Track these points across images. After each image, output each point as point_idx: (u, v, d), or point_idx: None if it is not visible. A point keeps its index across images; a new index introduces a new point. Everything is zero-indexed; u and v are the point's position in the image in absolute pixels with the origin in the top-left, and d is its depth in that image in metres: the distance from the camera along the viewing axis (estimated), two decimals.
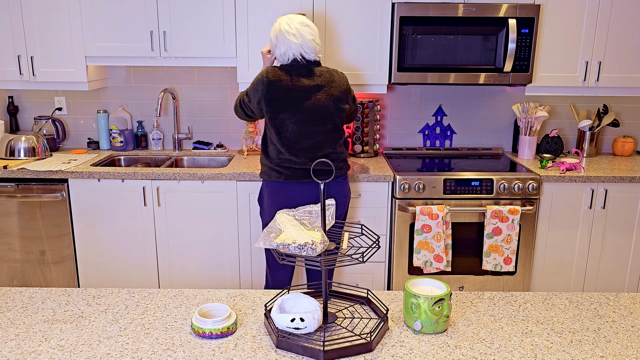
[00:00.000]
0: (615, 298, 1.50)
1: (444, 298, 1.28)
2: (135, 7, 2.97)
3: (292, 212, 1.33)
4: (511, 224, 2.84)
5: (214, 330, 1.28)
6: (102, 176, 2.89)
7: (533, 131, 3.26)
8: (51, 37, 3.03)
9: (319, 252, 1.20)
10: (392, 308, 1.43)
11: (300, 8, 2.95)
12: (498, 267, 2.91)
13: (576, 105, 3.46)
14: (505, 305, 1.45)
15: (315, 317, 1.24)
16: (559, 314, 1.40)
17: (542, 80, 3.06)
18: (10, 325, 1.33)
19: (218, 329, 1.28)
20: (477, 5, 2.88)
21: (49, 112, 3.48)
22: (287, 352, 1.21)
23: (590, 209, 2.97)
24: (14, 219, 2.98)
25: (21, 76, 3.08)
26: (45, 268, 3.05)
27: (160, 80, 3.43)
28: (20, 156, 3.13)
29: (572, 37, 3.01)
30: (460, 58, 2.96)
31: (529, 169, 3.02)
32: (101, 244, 3.00)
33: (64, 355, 1.20)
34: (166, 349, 1.22)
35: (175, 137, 3.43)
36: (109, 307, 1.42)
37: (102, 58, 3.07)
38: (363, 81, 3.06)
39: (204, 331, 1.28)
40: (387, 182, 2.90)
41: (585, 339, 1.28)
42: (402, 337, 1.28)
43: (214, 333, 1.28)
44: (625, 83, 3.08)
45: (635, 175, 2.93)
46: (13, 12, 2.99)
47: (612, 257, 3.05)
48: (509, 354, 1.21)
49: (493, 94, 3.44)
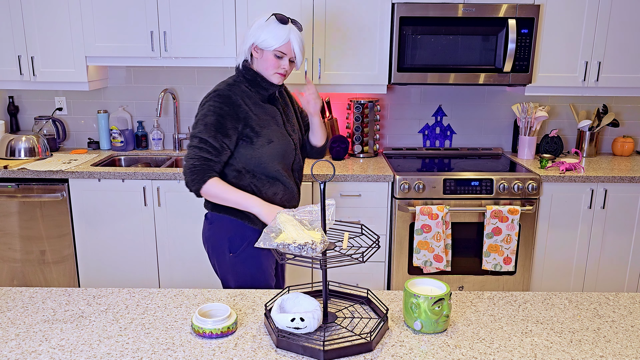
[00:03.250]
0: (615, 298, 1.50)
1: (443, 298, 1.28)
2: (136, 7, 2.98)
3: (292, 212, 1.33)
4: (511, 223, 2.84)
5: (214, 330, 1.28)
6: (102, 176, 2.89)
7: (533, 131, 3.26)
8: (51, 37, 3.03)
9: (319, 252, 1.20)
10: (392, 308, 1.43)
11: (300, 8, 2.96)
12: (498, 267, 2.92)
13: (576, 105, 3.46)
14: (505, 305, 1.45)
15: (315, 317, 1.24)
16: (558, 313, 1.40)
17: (541, 80, 3.06)
18: (10, 325, 1.33)
19: (218, 329, 1.28)
20: (477, 6, 2.88)
21: (49, 112, 3.48)
22: (287, 352, 1.21)
23: (590, 209, 2.97)
24: (14, 219, 2.98)
25: (21, 76, 3.08)
26: (46, 268, 3.05)
27: (160, 80, 3.43)
28: (20, 156, 3.13)
29: (571, 37, 3.01)
30: (460, 58, 2.96)
31: (529, 169, 3.03)
32: (101, 244, 3.00)
33: (64, 355, 1.20)
34: (166, 349, 1.23)
35: (176, 137, 3.43)
36: (109, 306, 1.42)
37: (102, 58, 3.07)
38: (363, 81, 3.06)
39: (204, 331, 1.28)
40: (387, 182, 2.91)
41: (585, 339, 1.28)
42: (402, 337, 1.28)
43: (214, 333, 1.28)
44: (625, 83, 3.08)
45: (634, 175, 2.93)
46: (13, 12, 2.99)
47: (612, 257, 3.05)
48: (508, 354, 1.21)
49: (493, 94, 3.45)
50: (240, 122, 1.88)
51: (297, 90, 2.09)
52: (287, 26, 1.88)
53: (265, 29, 1.88)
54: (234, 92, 1.89)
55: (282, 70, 1.92)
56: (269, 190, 1.95)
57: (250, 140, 1.90)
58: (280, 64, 1.91)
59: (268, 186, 1.95)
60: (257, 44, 1.89)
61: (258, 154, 1.91)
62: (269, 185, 1.95)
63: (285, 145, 1.95)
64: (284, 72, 1.93)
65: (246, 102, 1.90)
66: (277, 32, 1.86)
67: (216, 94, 1.88)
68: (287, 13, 2.97)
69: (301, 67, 3.04)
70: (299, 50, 1.91)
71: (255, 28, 1.90)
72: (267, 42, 1.87)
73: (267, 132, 1.91)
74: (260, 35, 1.88)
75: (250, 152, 1.91)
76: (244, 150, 1.91)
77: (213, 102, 1.87)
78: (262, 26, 1.89)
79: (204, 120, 1.86)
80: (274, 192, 1.96)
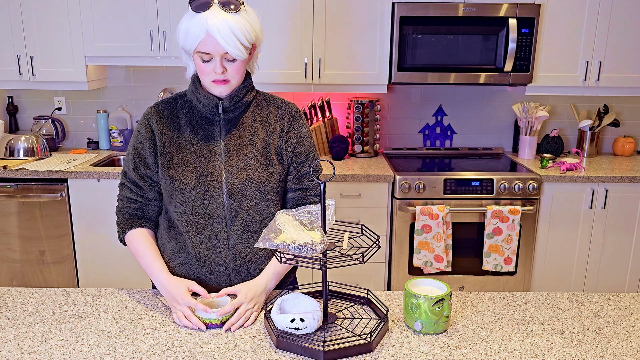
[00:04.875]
0: (615, 298, 1.49)
1: (444, 298, 1.27)
2: (135, 7, 2.97)
3: (292, 212, 1.32)
4: (511, 224, 2.83)
5: (214, 321, 1.30)
6: (101, 176, 2.89)
7: (533, 131, 3.25)
8: (51, 37, 3.03)
9: (319, 252, 1.19)
10: (392, 308, 1.43)
11: (300, 8, 2.95)
12: (498, 267, 2.91)
13: (576, 105, 3.46)
14: (505, 306, 1.44)
15: (315, 317, 1.24)
16: (559, 314, 1.40)
17: (542, 80, 3.06)
18: (9, 325, 1.32)
19: (218, 320, 1.31)
20: (477, 5, 2.87)
21: (48, 112, 3.48)
22: (287, 353, 1.21)
23: (590, 209, 2.97)
24: (13, 219, 2.97)
25: (21, 76, 3.08)
26: (45, 268, 3.04)
27: (159, 80, 3.42)
28: (19, 156, 3.13)
29: (572, 37, 3.01)
30: (461, 58, 2.95)
31: (530, 169, 3.02)
32: (101, 244, 3.00)
33: (63, 355, 1.20)
34: (166, 349, 1.22)
35: None
36: (108, 307, 1.42)
37: (102, 58, 3.07)
38: (363, 81, 3.05)
39: (204, 321, 1.31)
40: (387, 182, 2.90)
41: (586, 339, 1.28)
42: (402, 337, 1.28)
43: (214, 323, 1.31)
44: (625, 83, 3.07)
45: (635, 175, 2.93)
46: (13, 12, 2.99)
47: (613, 257, 3.04)
48: (509, 354, 1.21)
49: (493, 94, 3.44)
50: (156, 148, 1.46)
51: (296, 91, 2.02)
52: (205, 13, 1.31)
53: (181, 25, 1.36)
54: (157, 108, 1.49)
55: (217, 76, 1.37)
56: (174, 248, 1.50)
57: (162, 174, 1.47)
58: (210, 68, 1.36)
59: (174, 243, 1.50)
60: (182, 46, 1.39)
61: (166, 194, 1.48)
62: (175, 242, 1.50)
63: (201, 186, 1.43)
64: (220, 77, 1.37)
65: (164, 122, 1.46)
66: (190, 26, 1.33)
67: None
68: (287, 12, 2.96)
69: (300, 66, 3.04)
70: (229, 38, 1.30)
71: (178, 25, 1.39)
72: (186, 43, 1.36)
73: (173, 166, 1.44)
74: (179, 35, 1.37)
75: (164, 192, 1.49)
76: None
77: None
78: (180, 21, 1.38)
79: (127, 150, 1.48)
80: (175, 251, 1.49)
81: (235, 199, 1.43)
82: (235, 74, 1.39)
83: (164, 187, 1.46)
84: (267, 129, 1.49)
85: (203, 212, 1.43)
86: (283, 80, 3.05)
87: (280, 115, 1.51)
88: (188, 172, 1.43)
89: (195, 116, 1.47)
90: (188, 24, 1.33)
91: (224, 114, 1.45)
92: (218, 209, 1.43)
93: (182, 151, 1.45)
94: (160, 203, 1.51)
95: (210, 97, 1.43)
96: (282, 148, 1.49)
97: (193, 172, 1.43)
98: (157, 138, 1.45)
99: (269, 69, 3.03)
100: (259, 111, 1.50)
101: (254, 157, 1.45)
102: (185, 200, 1.43)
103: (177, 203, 1.45)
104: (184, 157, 1.44)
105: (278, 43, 3.01)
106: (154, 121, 1.46)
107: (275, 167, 1.47)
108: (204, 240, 1.45)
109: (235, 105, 1.45)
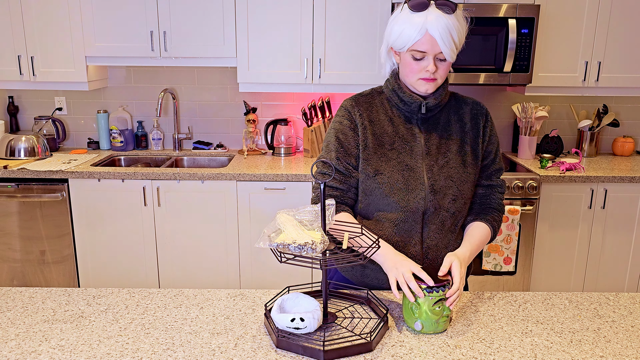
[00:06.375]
0: (615, 298, 1.50)
1: (444, 298, 1.28)
2: (135, 7, 2.97)
3: (292, 212, 1.33)
4: (511, 223, 2.83)
5: (437, 296, 1.28)
6: (102, 176, 2.89)
7: (533, 131, 3.25)
8: (51, 37, 3.03)
9: (319, 252, 1.20)
10: (392, 308, 1.43)
11: (300, 8, 2.96)
12: (498, 267, 2.91)
13: (576, 105, 3.46)
14: (505, 305, 1.45)
15: (315, 317, 1.24)
16: (558, 313, 1.40)
17: (542, 80, 3.06)
18: (10, 325, 1.33)
19: (441, 295, 1.28)
20: (477, 5, 2.88)
21: (49, 112, 3.48)
22: (287, 352, 1.21)
23: (590, 209, 2.97)
24: (14, 219, 2.98)
25: (21, 76, 3.08)
26: (46, 268, 3.05)
27: (160, 80, 3.43)
28: (20, 156, 3.13)
29: (572, 37, 3.01)
30: (460, 58, 2.93)
31: (529, 169, 3.02)
32: (101, 244, 3.00)
33: (64, 355, 1.20)
34: (166, 349, 1.22)
35: (175, 137, 3.43)
36: (109, 307, 1.42)
37: (102, 58, 3.07)
38: (363, 81, 3.05)
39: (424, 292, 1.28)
40: None
41: (585, 339, 1.28)
42: (402, 337, 1.28)
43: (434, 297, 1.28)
44: (625, 83, 3.07)
45: (635, 175, 2.93)
46: (13, 12, 2.99)
47: (612, 257, 3.05)
48: (508, 354, 1.21)
49: (493, 94, 3.44)
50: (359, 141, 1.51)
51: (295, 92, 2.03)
52: (423, 13, 1.36)
53: (395, 25, 1.42)
54: (358, 102, 1.53)
55: (427, 75, 1.41)
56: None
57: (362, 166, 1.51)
58: (421, 66, 1.41)
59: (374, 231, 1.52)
60: (391, 45, 1.45)
61: (363, 187, 1.52)
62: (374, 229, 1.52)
63: (405, 180, 1.48)
64: (430, 76, 1.41)
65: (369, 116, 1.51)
66: (407, 25, 1.37)
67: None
68: (286, 12, 2.97)
69: (300, 66, 3.04)
70: (447, 38, 1.36)
71: (388, 24, 1.45)
72: (399, 41, 1.41)
73: (376, 160, 1.49)
74: (391, 34, 1.43)
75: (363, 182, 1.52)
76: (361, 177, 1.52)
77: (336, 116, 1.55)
78: (392, 20, 1.43)
79: (326, 139, 1.55)
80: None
81: (436, 195, 1.47)
82: (443, 73, 1.44)
83: (364, 179, 1.50)
84: (463, 128, 1.53)
85: (403, 207, 1.47)
86: (283, 80, 3.05)
87: (474, 115, 1.55)
88: (392, 167, 1.48)
89: (394, 114, 1.52)
90: (404, 23, 1.38)
91: (424, 113, 1.50)
92: (419, 204, 1.47)
93: (384, 146, 1.49)
94: (357, 191, 1.54)
95: (414, 97, 1.48)
96: (478, 147, 1.54)
97: (397, 167, 1.48)
98: (360, 131, 1.50)
99: (269, 69, 3.04)
100: (454, 110, 1.55)
101: (452, 156, 1.51)
102: (387, 193, 1.47)
103: (377, 196, 1.49)
104: (387, 153, 1.49)
105: (278, 43, 3.01)
106: (357, 114, 1.51)
107: (471, 166, 1.52)
108: (400, 232, 1.49)
109: (438, 106, 1.51)
